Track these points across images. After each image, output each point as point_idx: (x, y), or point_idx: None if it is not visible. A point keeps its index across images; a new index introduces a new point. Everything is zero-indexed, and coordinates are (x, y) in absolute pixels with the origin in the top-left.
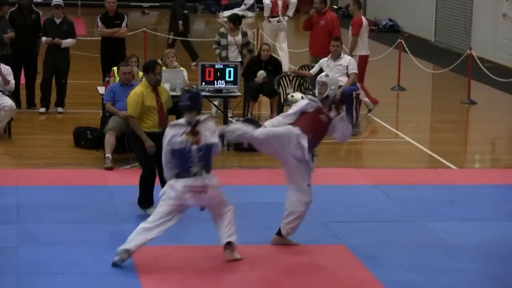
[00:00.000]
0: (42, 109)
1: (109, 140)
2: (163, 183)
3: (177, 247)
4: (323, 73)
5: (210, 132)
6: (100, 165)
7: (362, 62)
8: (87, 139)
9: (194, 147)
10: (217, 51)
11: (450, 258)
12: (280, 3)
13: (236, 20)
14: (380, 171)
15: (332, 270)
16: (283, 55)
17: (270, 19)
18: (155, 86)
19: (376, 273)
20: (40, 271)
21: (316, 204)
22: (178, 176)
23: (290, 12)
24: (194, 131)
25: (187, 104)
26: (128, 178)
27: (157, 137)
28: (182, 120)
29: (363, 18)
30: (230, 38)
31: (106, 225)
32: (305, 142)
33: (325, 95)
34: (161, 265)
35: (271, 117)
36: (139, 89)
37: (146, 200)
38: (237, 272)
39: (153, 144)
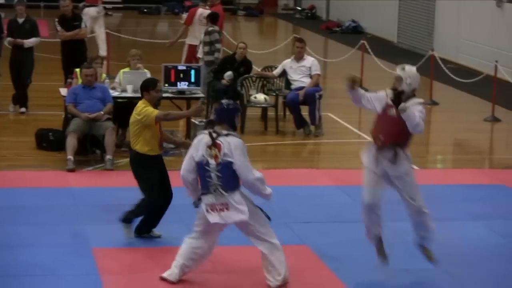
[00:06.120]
0: (22, 109)
1: (71, 142)
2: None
3: (139, 249)
4: (399, 66)
5: (236, 151)
6: (62, 167)
7: (189, 50)
8: (49, 141)
9: (213, 162)
10: None
11: (411, 258)
12: None
13: (208, 17)
14: (343, 171)
15: (295, 270)
16: (102, 39)
17: (90, 8)
18: (156, 105)
19: (338, 274)
20: (2, 274)
21: (278, 204)
22: (202, 192)
23: None
24: (214, 144)
25: (215, 116)
26: (90, 180)
27: (161, 160)
28: (206, 130)
29: (201, 10)
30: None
31: (68, 227)
32: None
33: (400, 89)
34: (123, 266)
35: None
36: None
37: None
38: (202, 274)
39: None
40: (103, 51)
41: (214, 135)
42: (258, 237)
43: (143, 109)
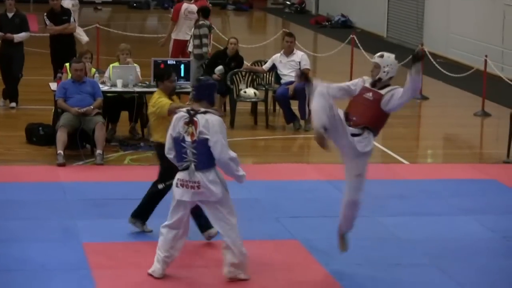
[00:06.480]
0: (13, 104)
1: (61, 136)
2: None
3: (129, 243)
4: (377, 54)
5: (213, 128)
6: (52, 161)
7: (175, 45)
8: (39, 136)
9: (189, 139)
10: None
11: (402, 253)
12: None
13: (199, 11)
14: (333, 166)
15: (285, 265)
16: (81, 32)
17: (65, 1)
18: (171, 94)
19: (329, 268)
20: None
21: (269, 199)
22: (178, 168)
23: None
24: (191, 121)
25: (193, 94)
26: (80, 175)
27: None
28: (185, 108)
29: (186, 4)
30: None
31: (59, 222)
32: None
33: (377, 77)
34: (114, 261)
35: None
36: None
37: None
38: (192, 268)
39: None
40: (84, 37)
41: (192, 112)
42: (222, 225)
43: (157, 100)
